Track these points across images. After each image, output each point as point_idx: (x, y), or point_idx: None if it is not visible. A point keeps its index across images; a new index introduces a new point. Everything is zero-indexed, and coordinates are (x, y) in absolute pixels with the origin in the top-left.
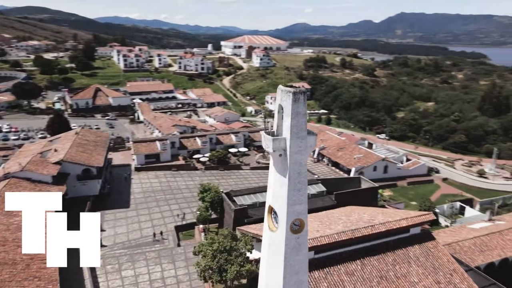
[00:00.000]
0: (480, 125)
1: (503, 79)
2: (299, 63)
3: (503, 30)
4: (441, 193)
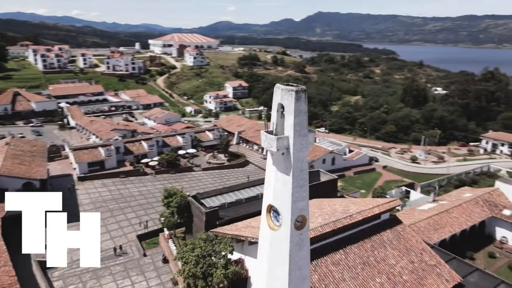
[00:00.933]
0: (406, 116)
1: (413, 73)
2: (233, 61)
3: (407, 28)
4: (384, 180)
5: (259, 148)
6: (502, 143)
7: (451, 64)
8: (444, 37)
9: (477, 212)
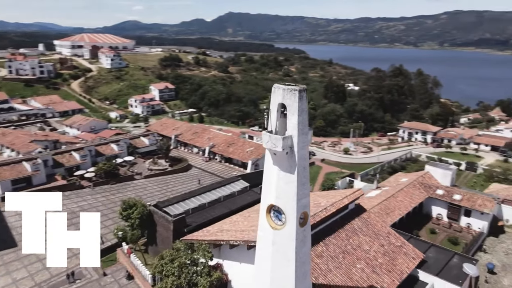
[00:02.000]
0: (332, 111)
1: (325, 71)
2: (154, 63)
3: (313, 29)
4: (324, 172)
5: (199, 150)
6: (416, 131)
7: (355, 62)
8: (345, 37)
9: (417, 194)
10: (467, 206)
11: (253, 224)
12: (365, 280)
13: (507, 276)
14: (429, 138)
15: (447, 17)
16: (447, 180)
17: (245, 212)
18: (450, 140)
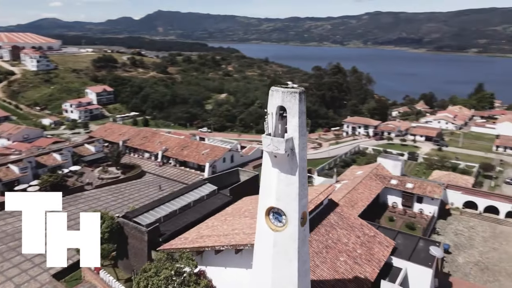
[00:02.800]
0: None
1: (262, 69)
2: (86, 64)
3: (245, 28)
4: None
5: (151, 155)
6: (359, 125)
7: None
8: (277, 36)
9: (374, 186)
10: (419, 193)
11: (234, 227)
12: (349, 271)
13: (461, 254)
14: (371, 132)
15: (368, 17)
16: (398, 170)
17: (219, 216)
18: (389, 133)
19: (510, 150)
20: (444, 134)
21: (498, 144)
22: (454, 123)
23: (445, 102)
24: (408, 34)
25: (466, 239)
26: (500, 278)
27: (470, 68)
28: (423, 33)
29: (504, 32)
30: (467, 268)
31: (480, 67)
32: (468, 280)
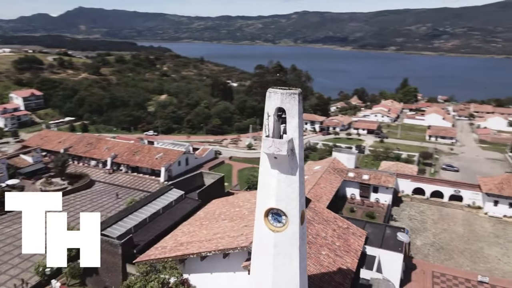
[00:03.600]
0: (226, 109)
1: (198, 69)
2: (6, 66)
3: (176, 27)
4: (236, 169)
5: (98, 162)
6: (306, 122)
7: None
8: (209, 35)
9: (334, 179)
10: (375, 184)
11: (215, 232)
12: (333, 264)
13: (418, 237)
14: (317, 127)
15: (297, 16)
16: (352, 163)
17: (193, 221)
18: (334, 128)
19: (440, 139)
20: (382, 127)
21: (430, 134)
22: (389, 116)
23: (376, 96)
24: (335, 33)
25: (419, 223)
26: (454, 256)
27: (390, 65)
28: (348, 32)
29: (417, 31)
30: (425, 250)
31: (399, 63)
32: (428, 261)
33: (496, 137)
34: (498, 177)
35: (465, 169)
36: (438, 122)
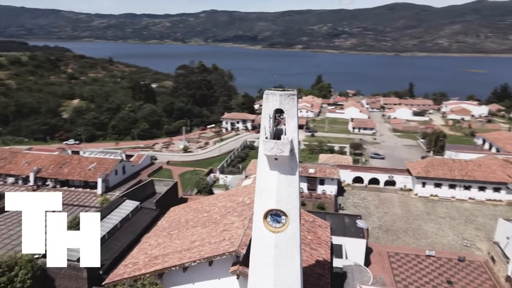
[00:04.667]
0: (153, 112)
1: (107, 70)
2: None
3: (74, 25)
4: (177, 173)
5: (17, 179)
6: (237, 121)
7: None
8: (113, 33)
9: None
10: (321, 176)
11: (191, 240)
12: (310, 257)
13: (366, 223)
14: (249, 126)
15: (205, 15)
16: None
17: (158, 232)
18: None
19: (363, 130)
20: (308, 122)
21: (354, 126)
22: (312, 111)
23: None
24: (244, 32)
25: (363, 209)
26: (400, 235)
27: (299, 62)
28: (257, 31)
29: (320, 31)
30: (375, 233)
31: (307, 61)
32: (380, 243)
33: (406, 126)
34: (424, 161)
35: (389, 156)
36: (356, 115)
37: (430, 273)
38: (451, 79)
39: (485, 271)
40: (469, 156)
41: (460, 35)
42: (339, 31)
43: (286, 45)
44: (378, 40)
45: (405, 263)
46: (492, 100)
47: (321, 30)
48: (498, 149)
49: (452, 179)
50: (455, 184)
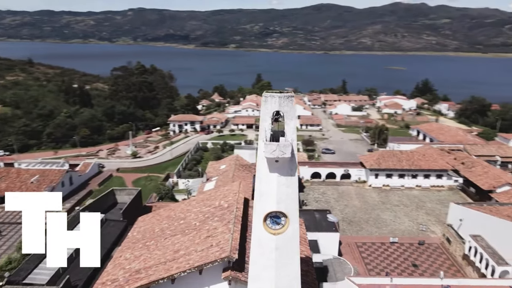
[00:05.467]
0: (93, 117)
1: (27, 72)
2: None
3: None
4: (129, 180)
5: None
6: (185, 122)
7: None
8: (29, 32)
9: (245, 176)
10: None
11: (174, 249)
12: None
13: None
14: (198, 127)
15: (133, 13)
16: (253, 158)
17: (132, 245)
18: (215, 126)
19: (310, 127)
20: (257, 121)
21: (301, 123)
22: (258, 110)
23: (234, 92)
24: (175, 31)
25: (325, 203)
26: (363, 226)
27: (234, 61)
28: (189, 30)
29: (252, 30)
30: (340, 225)
31: (241, 59)
32: (347, 235)
33: (348, 121)
34: (375, 154)
35: (338, 150)
36: (301, 112)
37: (397, 259)
38: (377, 75)
39: (443, 252)
40: (409, 147)
41: (381, 35)
42: (270, 31)
43: (219, 44)
44: (308, 39)
45: (373, 252)
46: (415, 94)
47: (253, 29)
48: (432, 139)
49: (401, 169)
50: (404, 174)
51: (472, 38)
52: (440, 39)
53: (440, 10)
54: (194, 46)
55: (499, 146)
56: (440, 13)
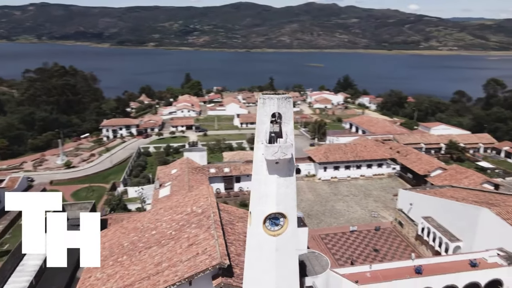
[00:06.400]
0: (10, 125)
1: None
2: None
3: None
4: (68, 192)
5: None
6: (120, 127)
7: None
8: None
9: (200, 179)
10: (237, 174)
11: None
12: None
13: None
14: (134, 131)
15: (35, 9)
16: (204, 160)
17: (102, 262)
18: (153, 129)
19: (250, 125)
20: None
21: (241, 122)
22: (194, 110)
23: (163, 93)
24: (87, 29)
25: None
26: (321, 218)
27: (155, 60)
28: (102, 28)
29: (171, 28)
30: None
31: (162, 58)
32: (309, 228)
33: None
34: (322, 148)
35: None
36: (236, 110)
37: (359, 246)
38: (298, 72)
39: (397, 235)
40: (347, 140)
41: (298, 33)
42: (191, 29)
43: (137, 42)
44: (229, 37)
45: (337, 242)
46: (338, 89)
47: (173, 27)
48: (364, 131)
49: (347, 161)
50: (350, 165)
51: (378, 37)
52: (351, 37)
53: (349, 11)
54: (109, 45)
55: (421, 134)
56: (349, 13)
